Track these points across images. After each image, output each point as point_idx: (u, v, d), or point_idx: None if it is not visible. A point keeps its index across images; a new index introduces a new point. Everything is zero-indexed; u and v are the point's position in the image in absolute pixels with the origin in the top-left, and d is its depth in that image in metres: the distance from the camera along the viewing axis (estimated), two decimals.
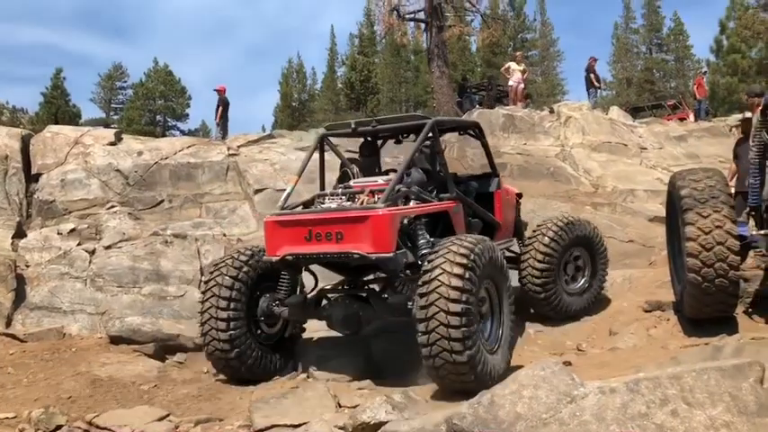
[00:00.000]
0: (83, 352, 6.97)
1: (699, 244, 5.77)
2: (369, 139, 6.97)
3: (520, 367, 4.13)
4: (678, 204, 6.08)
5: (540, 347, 6.78)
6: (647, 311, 7.17)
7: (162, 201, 11.24)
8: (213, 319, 5.83)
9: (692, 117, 24.12)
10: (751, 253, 6.76)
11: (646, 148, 16.09)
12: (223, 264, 6.09)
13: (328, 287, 6.28)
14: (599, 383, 3.37)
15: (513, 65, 18.02)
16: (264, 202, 11.22)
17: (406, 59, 49.75)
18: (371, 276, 6.19)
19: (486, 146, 7.23)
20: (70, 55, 75.87)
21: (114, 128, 19.90)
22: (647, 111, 27.03)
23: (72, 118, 35.87)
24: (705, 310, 6.03)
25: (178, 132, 42.90)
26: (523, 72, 18.06)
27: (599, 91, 21.44)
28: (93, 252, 9.73)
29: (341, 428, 4.00)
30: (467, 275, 4.87)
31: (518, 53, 22.06)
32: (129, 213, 10.72)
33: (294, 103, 47.51)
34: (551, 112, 17.19)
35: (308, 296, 6.15)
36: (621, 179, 13.80)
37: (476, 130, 7.25)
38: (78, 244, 9.88)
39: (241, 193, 11.54)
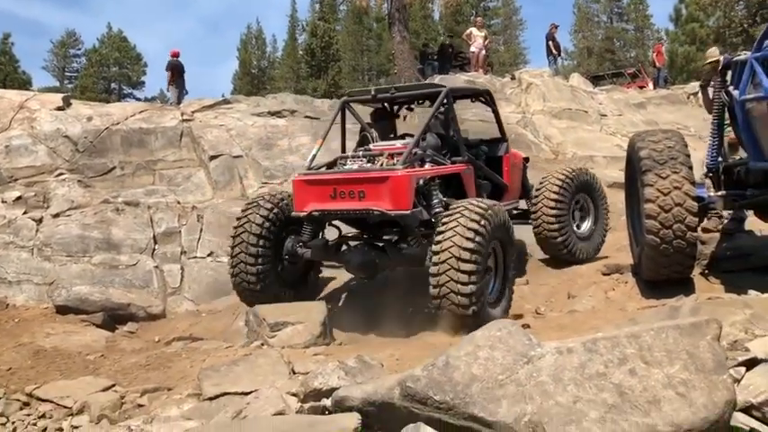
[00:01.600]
0: (26, 323, 6.69)
1: (658, 205, 5.72)
2: (382, 105, 7.43)
3: None
4: (637, 166, 6.01)
5: None
6: (605, 275, 7.16)
7: (113, 168, 10.83)
8: (244, 250, 6.32)
9: (651, 85, 24.33)
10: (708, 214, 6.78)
11: (606, 115, 16.14)
12: (257, 202, 6.62)
13: (349, 235, 6.80)
14: (556, 344, 3.28)
15: (474, 31, 17.82)
16: (220, 169, 10.94)
17: (368, 27, 49.02)
18: (387, 231, 6.62)
19: (496, 112, 7.60)
20: (22, 21, 72.82)
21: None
22: (608, 79, 27.12)
23: (22, 85, 34.53)
24: (663, 271, 6.02)
25: (133, 100, 41.74)
26: (485, 38, 17.88)
27: (559, 58, 21.39)
28: (40, 221, 9.35)
29: (293, 395, 3.85)
30: (477, 236, 5.37)
31: (479, 19, 21.92)
32: (79, 181, 10.32)
33: (253, 71, 46.52)
34: (513, 78, 17.12)
35: (330, 241, 6.71)
36: (581, 146, 13.82)
37: (486, 97, 7.65)
38: (24, 212, 9.48)
39: (196, 159, 11.21)
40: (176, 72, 14.78)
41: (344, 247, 6.68)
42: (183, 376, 4.81)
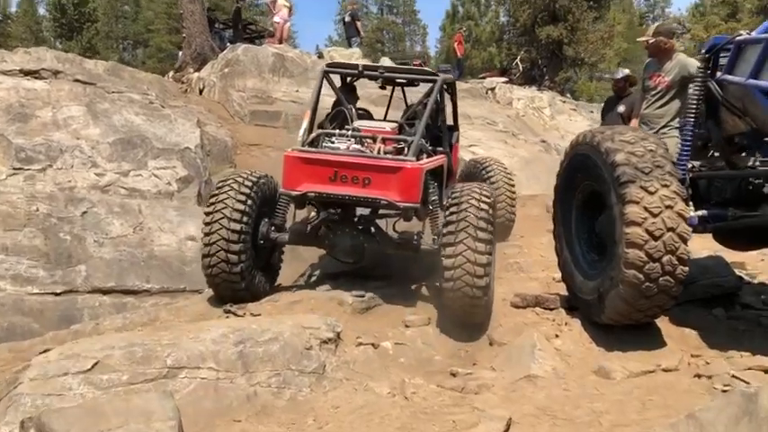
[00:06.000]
0: None
1: (645, 230, 4.23)
2: (348, 81, 7.37)
3: None
4: (609, 175, 4.47)
5: (405, 369, 4.80)
6: (518, 307, 5.59)
7: None
8: (225, 225, 5.65)
9: None
10: None
11: None
12: (235, 178, 5.97)
13: (328, 217, 6.20)
14: None
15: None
16: None
17: None
18: (364, 212, 6.20)
19: (454, 102, 7.56)
20: None
21: None
22: None
23: None
24: (635, 315, 4.56)
25: None
26: (290, 9, 15.79)
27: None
28: None
29: None
30: (489, 217, 5.27)
31: None
32: None
33: None
34: (320, 56, 15.39)
35: (309, 225, 6.25)
36: None
37: (451, 87, 7.48)
38: None
39: None
40: None
41: (324, 230, 6.19)
42: None
